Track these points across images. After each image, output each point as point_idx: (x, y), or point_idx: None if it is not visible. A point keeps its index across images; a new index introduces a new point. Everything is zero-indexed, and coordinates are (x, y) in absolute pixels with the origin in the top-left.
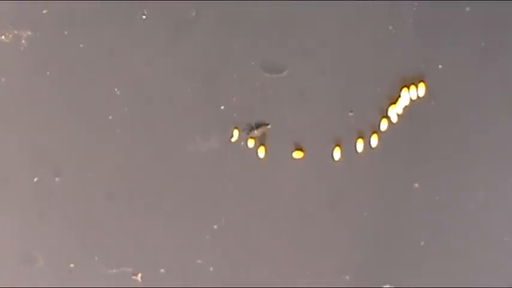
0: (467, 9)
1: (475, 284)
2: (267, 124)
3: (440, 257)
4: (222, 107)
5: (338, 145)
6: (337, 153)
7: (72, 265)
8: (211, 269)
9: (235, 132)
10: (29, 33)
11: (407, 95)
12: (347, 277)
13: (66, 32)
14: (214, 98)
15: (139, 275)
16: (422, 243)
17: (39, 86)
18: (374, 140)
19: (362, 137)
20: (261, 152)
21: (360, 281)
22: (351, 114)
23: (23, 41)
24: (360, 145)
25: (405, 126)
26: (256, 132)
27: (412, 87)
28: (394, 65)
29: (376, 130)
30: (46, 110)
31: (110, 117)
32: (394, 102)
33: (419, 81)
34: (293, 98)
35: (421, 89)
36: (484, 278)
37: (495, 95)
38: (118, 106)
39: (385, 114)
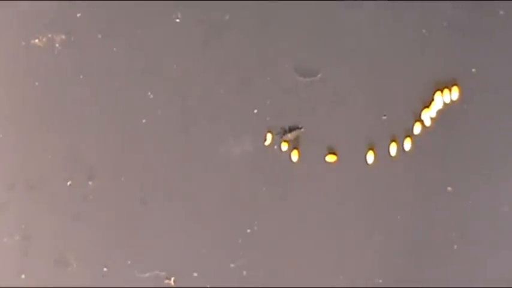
0: (501, 12)
1: (509, 285)
2: (301, 127)
3: (473, 260)
4: (256, 111)
5: (371, 149)
6: (370, 157)
7: (105, 269)
8: (244, 273)
9: (269, 136)
10: (63, 36)
11: (441, 99)
12: (380, 280)
13: (99, 36)
14: (248, 101)
15: (173, 278)
16: (455, 247)
17: (73, 89)
18: (407, 144)
19: (395, 141)
20: (294, 156)
21: (392, 284)
22: (384, 117)
23: (57, 45)
24: (393, 149)
25: (438, 129)
26: (289, 136)
27: (446, 90)
28: (428, 69)
29: (410, 134)
30: (79, 113)
31: (144, 121)
32: (428, 106)
33: (453, 85)
34: (326, 102)
35: (455, 93)
36: None
37: None
38: (151, 109)
39: (418, 118)
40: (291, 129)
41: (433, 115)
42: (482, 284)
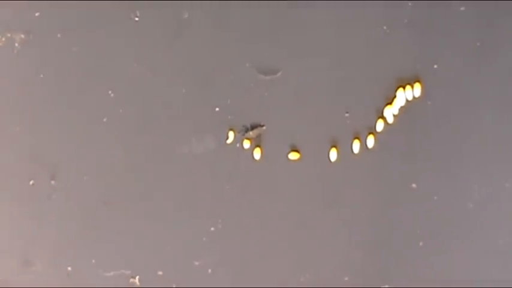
0: (462, 8)
1: (474, 284)
2: (262, 125)
3: (439, 257)
4: (217, 109)
5: (334, 146)
6: (333, 154)
7: (69, 268)
8: (209, 271)
9: (231, 134)
10: (22, 36)
11: (403, 95)
12: (346, 278)
13: (59, 35)
14: (209, 100)
15: (137, 277)
16: (420, 244)
17: (33, 89)
18: (370, 141)
19: (358, 138)
20: (257, 154)
21: (358, 281)
22: (346, 114)
23: (16, 44)
24: (356, 146)
25: (401, 126)
26: (251, 134)
27: (408, 87)
28: (390, 65)
29: (372, 131)
30: (40, 113)
31: (105, 120)
32: (390, 103)
33: (415, 81)
34: (288, 99)
35: (417, 89)
36: (483, 277)
37: (491, 94)
38: (112, 108)
39: (381, 115)
40: (252, 127)
41: (396, 112)
42: (447, 281)
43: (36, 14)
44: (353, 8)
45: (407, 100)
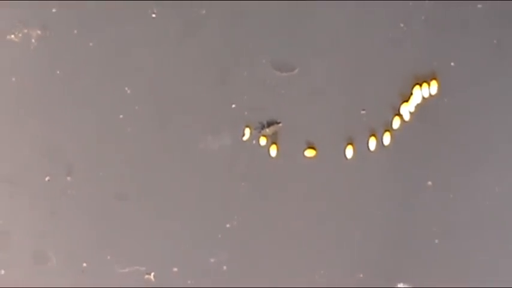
0: (479, 5)
1: (490, 283)
2: (279, 122)
3: (454, 255)
4: (233, 106)
5: (350, 143)
6: (349, 152)
7: (84, 264)
8: (224, 267)
9: (247, 131)
10: (39, 32)
11: (420, 93)
12: (361, 275)
13: (75, 31)
14: (226, 97)
15: (152, 274)
16: (436, 241)
17: (49, 85)
18: (386, 138)
19: (374, 135)
20: (273, 151)
21: (373, 279)
22: (363, 112)
23: (33, 40)
24: (372, 143)
25: (418, 124)
26: (267, 131)
27: (424, 84)
28: (406, 63)
29: (389, 128)
30: (56, 109)
31: (121, 116)
32: (407, 100)
33: (432, 79)
34: (304, 96)
35: (433, 87)
36: (499, 276)
37: (508, 92)
38: (129, 105)
39: (397, 112)
40: (269, 124)
41: (412, 109)
42: (463, 279)
43: (53, 10)
44: (370, 6)
45: (423, 97)
